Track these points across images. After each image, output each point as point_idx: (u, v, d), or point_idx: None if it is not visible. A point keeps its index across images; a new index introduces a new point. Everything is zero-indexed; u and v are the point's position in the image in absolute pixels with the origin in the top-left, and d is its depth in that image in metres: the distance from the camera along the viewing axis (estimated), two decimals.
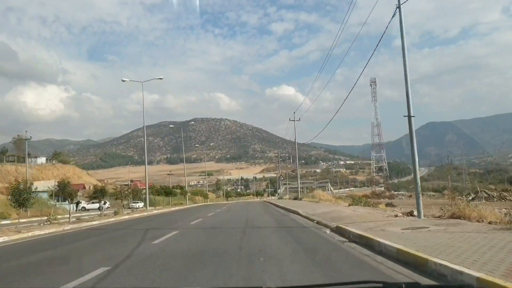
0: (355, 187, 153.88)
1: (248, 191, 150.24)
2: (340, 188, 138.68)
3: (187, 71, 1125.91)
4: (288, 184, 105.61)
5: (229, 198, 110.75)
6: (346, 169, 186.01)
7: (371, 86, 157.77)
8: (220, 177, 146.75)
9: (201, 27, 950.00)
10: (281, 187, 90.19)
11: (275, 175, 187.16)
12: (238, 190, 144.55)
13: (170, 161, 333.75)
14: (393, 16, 13.77)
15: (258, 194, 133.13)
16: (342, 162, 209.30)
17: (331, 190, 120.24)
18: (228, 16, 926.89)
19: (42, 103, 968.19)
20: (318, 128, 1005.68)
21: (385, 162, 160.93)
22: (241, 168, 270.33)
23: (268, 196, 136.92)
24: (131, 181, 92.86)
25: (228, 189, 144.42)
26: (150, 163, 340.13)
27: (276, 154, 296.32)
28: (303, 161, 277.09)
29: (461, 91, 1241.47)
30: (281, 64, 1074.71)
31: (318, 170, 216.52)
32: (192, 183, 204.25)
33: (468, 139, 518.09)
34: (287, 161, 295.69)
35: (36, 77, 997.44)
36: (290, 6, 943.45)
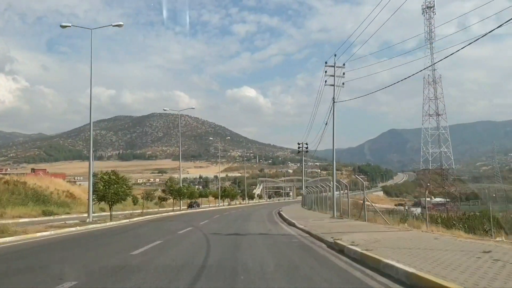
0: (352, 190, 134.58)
1: (208, 190, 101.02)
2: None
3: (146, 68, 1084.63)
4: (267, 182, 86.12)
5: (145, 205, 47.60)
6: (321, 170, 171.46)
7: (424, 15, 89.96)
8: (176, 176, 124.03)
9: (161, 24, 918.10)
10: (259, 186, 70.13)
11: (240, 174, 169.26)
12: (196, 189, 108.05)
13: (122, 157, 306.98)
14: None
15: (228, 195, 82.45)
16: (310, 163, 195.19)
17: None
18: (190, 14, 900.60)
19: None
20: (279, 130, 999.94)
21: (449, 148, 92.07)
22: (201, 167, 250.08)
23: (246, 199, 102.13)
24: (32, 169, 69.42)
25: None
26: (100, 158, 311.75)
27: (240, 153, 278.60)
28: (270, 161, 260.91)
29: (419, 101, 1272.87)
30: (242, 66, 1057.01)
31: (290, 171, 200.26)
32: (140, 181, 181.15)
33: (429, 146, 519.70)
34: (253, 161, 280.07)
35: None
36: (252, 8, 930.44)
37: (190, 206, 61.28)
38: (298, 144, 57.40)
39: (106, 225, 22.98)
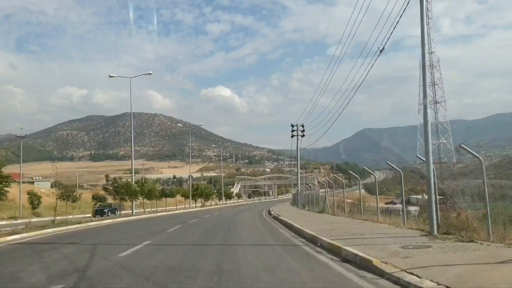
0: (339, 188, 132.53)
1: (176, 188, 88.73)
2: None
3: (118, 67, 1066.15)
4: (247, 180, 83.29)
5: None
6: (300, 169, 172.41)
7: None
8: (148, 176, 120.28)
9: (133, 23, 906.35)
10: (237, 184, 67.57)
11: (216, 174, 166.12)
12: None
13: (93, 158, 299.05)
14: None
15: (201, 194, 69.86)
16: (287, 162, 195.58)
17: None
18: (162, 13, 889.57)
19: None
20: (255, 130, 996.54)
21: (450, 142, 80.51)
22: (175, 167, 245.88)
23: (222, 199, 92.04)
24: None
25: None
26: (71, 159, 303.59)
27: (216, 153, 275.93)
28: (247, 160, 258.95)
29: (391, 101, 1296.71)
30: (217, 65, 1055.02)
31: (267, 170, 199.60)
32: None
33: (402, 145, 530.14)
34: (229, 160, 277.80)
35: None
36: (226, 7, 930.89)
37: (96, 213, 39.17)
38: (292, 126, 46.36)
39: None
